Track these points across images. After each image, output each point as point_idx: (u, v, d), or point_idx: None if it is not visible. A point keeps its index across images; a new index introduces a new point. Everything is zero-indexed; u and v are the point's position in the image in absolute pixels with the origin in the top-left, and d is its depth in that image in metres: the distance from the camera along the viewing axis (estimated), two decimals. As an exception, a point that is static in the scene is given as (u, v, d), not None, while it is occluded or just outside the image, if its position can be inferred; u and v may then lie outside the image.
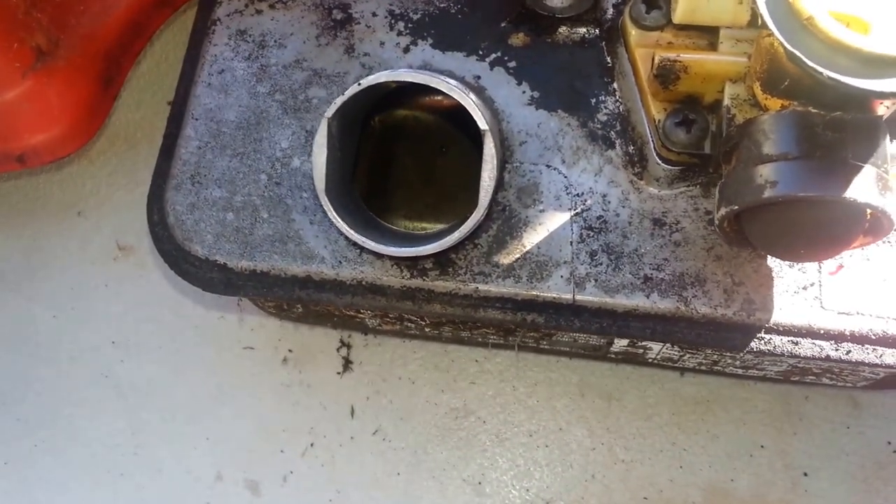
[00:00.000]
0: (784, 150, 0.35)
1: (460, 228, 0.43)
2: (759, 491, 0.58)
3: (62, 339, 0.65)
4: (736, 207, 0.36)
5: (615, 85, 0.46)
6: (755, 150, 0.36)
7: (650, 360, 0.56)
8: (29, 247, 0.67)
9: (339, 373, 0.62)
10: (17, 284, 0.66)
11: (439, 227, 0.50)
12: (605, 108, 0.46)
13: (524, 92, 0.47)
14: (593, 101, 0.46)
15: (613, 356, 0.56)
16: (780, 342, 0.43)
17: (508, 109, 0.46)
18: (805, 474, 0.58)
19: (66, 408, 0.63)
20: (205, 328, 0.64)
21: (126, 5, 0.56)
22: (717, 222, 0.38)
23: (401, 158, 0.52)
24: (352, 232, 0.44)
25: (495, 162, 0.42)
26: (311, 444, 0.60)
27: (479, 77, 0.47)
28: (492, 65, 0.47)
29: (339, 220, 0.44)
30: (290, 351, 0.63)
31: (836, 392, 0.59)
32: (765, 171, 0.35)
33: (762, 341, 0.42)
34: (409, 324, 0.55)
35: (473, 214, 0.43)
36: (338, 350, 0.62)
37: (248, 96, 0.48)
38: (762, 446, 0.59)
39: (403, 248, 0.43)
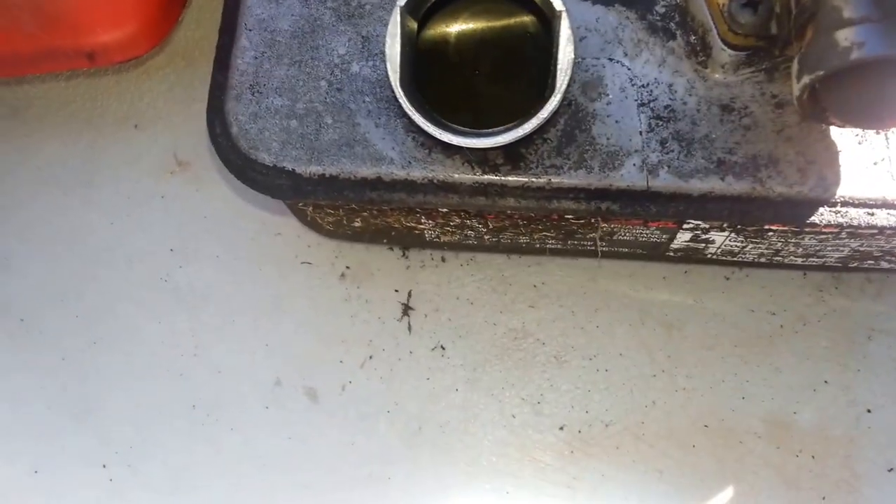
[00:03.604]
0: (866, 13, 0.35)
1: (538, 114, 0.42)
2: (821, 424, 0.57)
3: (120, 244, 0.64)
4: (822, 73, 0.36)
5: (672, -26, 0.46)
6: (835, 16, 0.36)
7: (710, 256, 0.55)
8: (85, 154, 0.67)
9: (396, 290, 0.62)
10: (73, 189, 0.66)
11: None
12: (663, -1, 0.46)
13: (580, -13, 0.46)
14: (650, -9, 0.46)
15: (672, 254, 0.56)
16: (856, 214, 0.43)
17: (566, 6, 0.45)
18: (868, 411, 0.57)
19: (125, 307, 0.63)
20: (262, 242, 0.63)
21: None
22: (797, 94, 0.38)
23: (438, 74, 0.49)
24: (429, 125, 0.43)
25: (573, 44, 0.43)
26: (370, 357, 0.60)
27: (536, -27, 0.47)
28: (548, -40, 0.47)
29: (414, 112, 0.44)
30: (347, 268, 0.62)
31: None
32: (850, 34, 0.35)
33: (839, 214, 0.43)
34: (469, 231, 0.55)
35: (551, 99, 0.42)
36: (395, 269, 0.62)
37: (300, 4, 0.48)
38: (825, 381, 0.57)
39: (479, 140, 0.43)
